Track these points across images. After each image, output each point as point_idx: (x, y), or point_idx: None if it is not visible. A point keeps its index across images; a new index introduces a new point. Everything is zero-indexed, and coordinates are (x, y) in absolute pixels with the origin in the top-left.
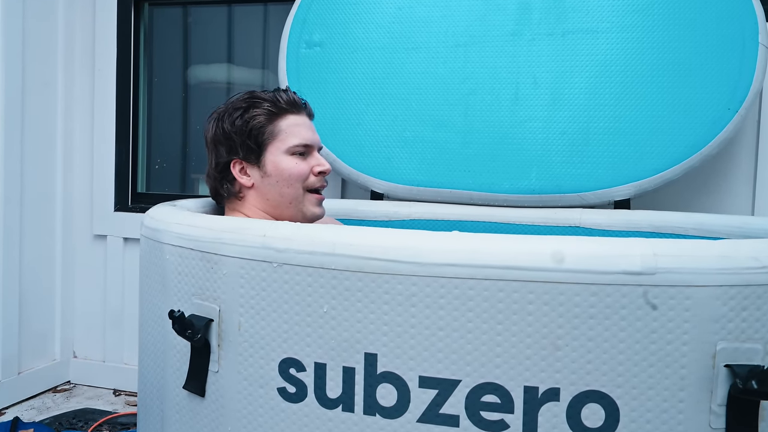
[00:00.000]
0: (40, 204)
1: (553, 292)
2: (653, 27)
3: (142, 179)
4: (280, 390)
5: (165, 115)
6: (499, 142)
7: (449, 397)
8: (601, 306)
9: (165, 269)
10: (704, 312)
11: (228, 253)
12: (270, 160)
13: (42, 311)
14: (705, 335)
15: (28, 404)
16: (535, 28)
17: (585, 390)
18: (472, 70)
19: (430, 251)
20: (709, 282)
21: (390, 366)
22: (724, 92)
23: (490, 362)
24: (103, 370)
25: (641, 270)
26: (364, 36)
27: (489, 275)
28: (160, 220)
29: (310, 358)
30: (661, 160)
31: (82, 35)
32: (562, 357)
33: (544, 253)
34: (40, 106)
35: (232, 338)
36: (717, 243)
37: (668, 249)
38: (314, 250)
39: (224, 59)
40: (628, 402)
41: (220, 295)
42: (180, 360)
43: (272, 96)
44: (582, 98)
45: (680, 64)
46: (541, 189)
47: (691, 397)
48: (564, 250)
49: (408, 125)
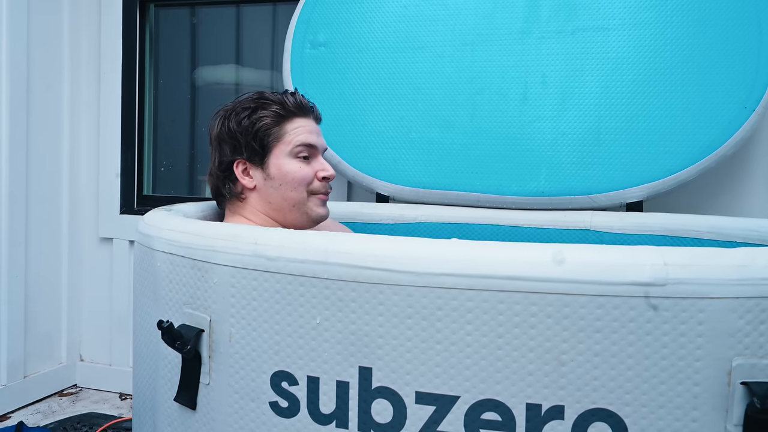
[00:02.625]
0: (46, 207)
1: (557, 304)
2: (666, 23)
3: (148, 181)
4: (272, 404)
5: (171, 116)
6: (507, 143)
7: (447, 414)
8: (608, 319)
9: (156, 277)
10: (719, 325)
11: (219, 261)
12: (274, 163)
13: (48, 314)
14: (720, 350)
15: (34, 408)
16: (544, 26)
17: (591, 408)
18: (480, 70)
19: (426, 260)
20: (724, 293)
21: (385, 381)
22: (740, 90)
23: (490, 378)
24: (109, 373)
25: (651, 281)
26: (369, 36)
27: (489, 285)
28: (152, 225)
29: (302, 371)
30: (675, 160)
31: (88, 37)
32: (567, 373)
33: (547, 263)
34: (45, 109)
35: (223, 350)
36: (732, 251)
37: (680, 258)
38: (306, 258)
39: (232, 60)
40: (638, 421)
41: (210, 305)
42: (171, 371)
43: (280, 98)
44: (593, 97)
45: (694, 61)
46: (550, 191)
47: (704, 417)
48: (568, 257)
49: (414, 126)
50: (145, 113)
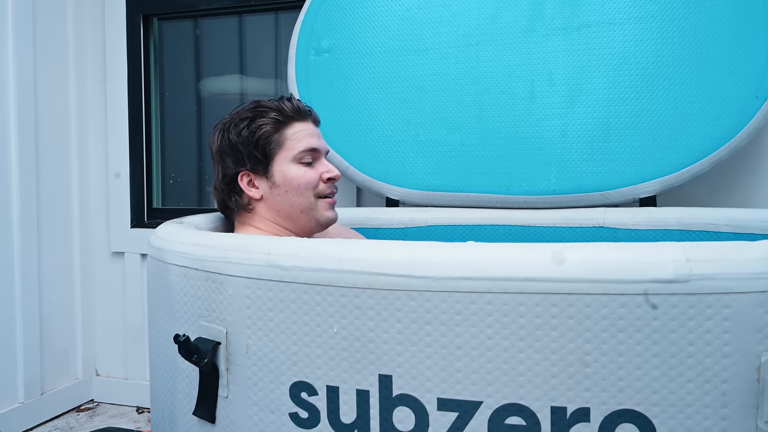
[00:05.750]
0: (58, 224)
1: (578, 304)
2: (673, 15)
3: (157, 194)
4: (292, 415)
5: (178, 129)
6: (516, 142)
7: (471, 420)
8: (631, 318)
9: (171, 290)
10: (746, 321)
11: (233, 273)
12: (278, 170)
13: (63, 330)
14: (748, 346)
15: (52, 425)
16: (549, 23)
17: (618, 409)
18: (485, 70)
19: (443, 264)
20: (750, 288)
21: (406, 388)
22: (751, 80)
23: (513, 382)
24: (125, 387)
25: (674, 278)
26: (372, 40)
27: (508, 288)
28: (164, 239)
29: (321, 381)
30: (687, 153)
31: (93, 53)
32: (591, 374)
33: (567, 262)
34: (53, 127)
35: (241, 362)
36: (756, 244)
37: (702, 253)
38: (321, 267)
39: (236, 70)
40: (666, 421)
41: (226, 317)
42: (189, 385)
43: (277, 104)
44: (601, 93)
45: (703, 52)
46: (561, 189)
47: (734, 414)
48: (578, 255)
49: (421, 129)
50: (152, 126)
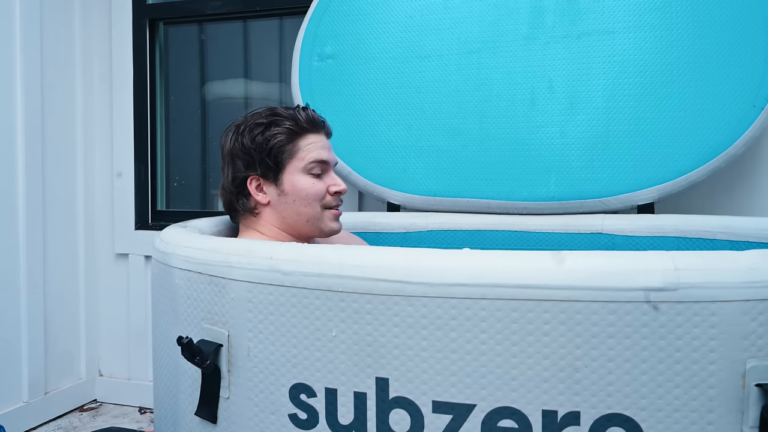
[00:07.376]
0: (63, 225)
1: (569, 311)
2: (672, 24)
3: (161, 197)
4: (291, 416)
5: (183, 132)
6: (516, 148)
7: (464, 423)
8: (620, 324)
9: (175, 293)
10: (732, 328)
11: (235, 277)
12: (288, 179)
13: (67, 331)
14: (734, 353)
15: (55, 424)
16: (550, 31)
17: (607, 413)
18: (486, 77)
19: (439, 271)
20: (736, 297)
21: (402, 391)
22: (748, 89)
23: (506, 386)
24: (128, 388)
25: (663, 286)
26: (375, 46)
27: (502, 294)
28: (169, 242)
29: (320, 383)
30: (685, 161)
31: (99, 57)
32: (582, 379)
33: (559, 270)
34: (59, 130)
35: (242, 364)
36: (744, 254)
37: (691, 262)
38: (321, 272)
39: (240, 75)
40: (654, 425)
41: (228, 320)
42: (191, 386)
43: (293, 114)
44: (600, 101)
45: (701, 61)
46: (560, 195)
47: (720, 420)
48: (576, 263)
49: (423, 135)
50: (157, 129)
